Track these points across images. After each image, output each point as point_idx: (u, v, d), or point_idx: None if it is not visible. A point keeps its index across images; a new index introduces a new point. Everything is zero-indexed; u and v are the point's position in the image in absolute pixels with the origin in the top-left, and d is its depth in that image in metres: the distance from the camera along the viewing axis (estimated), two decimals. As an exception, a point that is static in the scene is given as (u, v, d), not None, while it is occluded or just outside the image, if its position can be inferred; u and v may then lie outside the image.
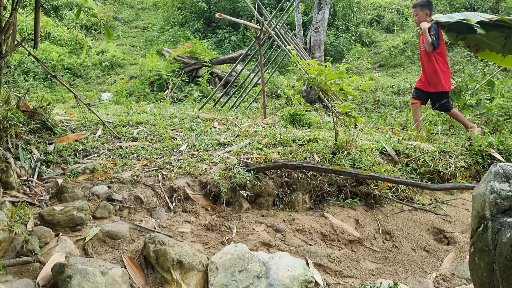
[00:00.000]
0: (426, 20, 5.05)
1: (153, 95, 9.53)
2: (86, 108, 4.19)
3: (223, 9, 14.83)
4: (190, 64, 10.51)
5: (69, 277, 2.10)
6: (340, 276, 2.79)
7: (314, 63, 4.06)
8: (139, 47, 14.16)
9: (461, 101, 5.77)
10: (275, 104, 8.91)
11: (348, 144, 4.04)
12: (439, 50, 5.02)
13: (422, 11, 5.08)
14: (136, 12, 17.42)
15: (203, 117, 5.49)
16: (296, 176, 3.65)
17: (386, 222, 3.54)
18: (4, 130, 3.35)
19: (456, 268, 2.94)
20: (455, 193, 4.05)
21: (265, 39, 6.88)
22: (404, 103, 8.74)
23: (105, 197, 3.10)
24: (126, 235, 2.75)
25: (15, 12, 3.02)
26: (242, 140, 4.37)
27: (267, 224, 3.24)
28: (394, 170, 3.93)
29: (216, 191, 3.41)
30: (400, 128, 5.84)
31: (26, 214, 2.70)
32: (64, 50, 11.99)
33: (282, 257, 2.56)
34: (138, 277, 2.37)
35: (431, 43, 4.91)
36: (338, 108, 4.04)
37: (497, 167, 1.91)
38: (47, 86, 9.95)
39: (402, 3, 15.20)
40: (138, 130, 4.53)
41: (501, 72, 7.63)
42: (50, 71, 3.92)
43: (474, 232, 1.93)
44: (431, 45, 4.92)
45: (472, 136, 4.72)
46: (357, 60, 12.14)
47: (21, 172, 3.19)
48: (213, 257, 2.53)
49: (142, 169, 3.54)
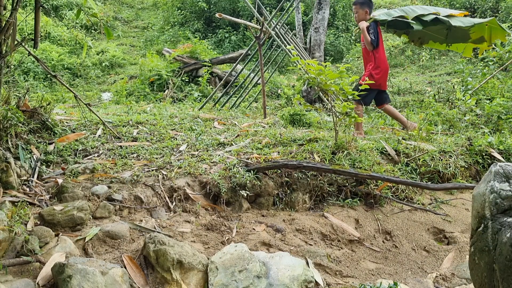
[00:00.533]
0: (366, 18, 5.01)
1: (153, 95, 9.54)
2: (86, 108, 4.20)
3: (223, 9, 14.83)
4: (190, 64, 10.51)
5: (69, 277, 2.10)
6: (340, 276, 2.79)
7: (314, 63, 4.06)
8: (139, 47, 14.16)
9: None
10: (275, 104, 8.92)
11: (348, 144, 4.04)
12: (377, 49, 5.00)
13: (362, 9, 5.03)
14: (136, 12, 17.42)
15: (203, 117, 5.49)
16: (296, 176, 3.65)
17: (386, 222, 3.54)
18: (4, 130, 3.35)
19: (456, 268, 2.94)
20: (455, 193, 4.05)
21: (265, 39, 6.88)
22: (404, 103, 8.74)
23: (105, 197, 3.10)
24: (126, 235, 2.75)
25: (15, 12, 3.02)
26: (242, 140, 4.37)
27: (267, 224, 3.24)
28: (394, 170, 3.93)
29: (216, 191, 3.41)
30: (400, 128, 5.84)
31: (26, 214, 2.70)
32: (64, 50, 11.99)
33: (282, 257, 2.56)
34: (138, 277, 2.37)
35: (370, 42, 4.90)
36: (338, 108, 4.04)
37: (497, 167, 1.91)
38: (47, 86, 9.96)
39: (402, 3, 15.18)
40: (138, 130, 4.53)
41: (501, 72, 7.63)
42: (50, 71, 3.92)
43: (474, 232, 1.93)
44: (370, 44, 4.91)
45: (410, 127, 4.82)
46: (357, 60, 12.14)
47: (21, 172, 3.19)
48: (213, 257, 2.54)
49: (142, 169, 3.54)
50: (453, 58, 11.25)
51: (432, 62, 11.51)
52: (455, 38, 5.14)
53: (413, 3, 13.15)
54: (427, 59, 11.52)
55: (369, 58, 5.03)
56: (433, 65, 11.33)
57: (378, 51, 4.97)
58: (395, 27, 5.28)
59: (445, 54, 11.65)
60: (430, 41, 5.34)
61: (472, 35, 4.96)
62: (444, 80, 9.83)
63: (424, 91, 9.22)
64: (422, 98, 8.65)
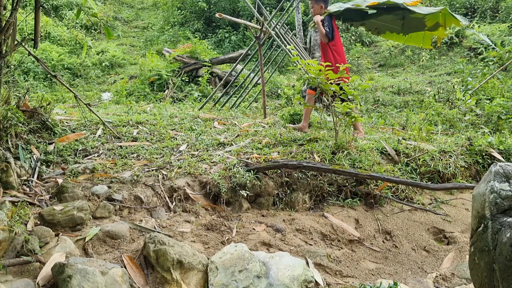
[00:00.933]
0: (321, 13, 5.04)
1: (153, 95, 9.54)
2: (86, 108, 4.20)
3: (223, 9, 14.83)
4: (190, 64, 10.51)
5: (69, 277, 2.10)
6: (340, 276, 2.79)
7: (314, 63, 4.06)
8: (139, 47, 14.16)
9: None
10: (275, 104, 8.92)
11: (348, 144, 4.04)
12: (334, 42, 5.01)
13: (317, 4, 5.06)
14: (136, 12, 17.42)
15: (203, 117, 5.49)
16: (296, 176, 3.65)
17: (386, 222, 3.54)
18: (4, 130, 3.35)
19: (456, 268, 2.94)
20: (455, 193, 4.05)
21: (265, 39, 6.88)
22: (404, 103, 8.73)
23: (105, 197, 3.10)
24: (126, 235, 2.75)
25: (15, 12, 3.02)
26: (242, 140, 4.37)
27: (267, 224, 3.24)
28: (394, 170, 3.93)
29: (216, 191, 3.41)
30: (400, 128, 5.84)
31: (26, 214, 2.70)
32: (64, 50, 11.99)
33: (282, 257, 2.56)
34: (138, 277, 2.37)
35: (325, 35, 4.93)
36: (338, 108, 4.04)
37: (497, 167, 1.91)
38: (47, 86, 9.96)
39: (402, 3, 15.17)
40: (138, 130, 4.53)
41: (501, 72, 7.63)
42: (50, 71, 3.92)
43: (474, 232, 1.93)
44: (325, 36, 4.94)
45: (288, 129, 4.85)
46: (357, 60, 12.14)
47: (21, 172, 3.19)
48: (213, 257, 2.54)
49: (142, 169, 3.54)
50: (453, 58, 11.25)
51: (432, 62, 11.51)
52: (410, 27, 5.16)
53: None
54: (427, 59, 11.52)
55: (326, 52, 5.04)
56: (433, 65, 11.32)
57: (334, 44, 4.99)
58: (351, 19, 5.37)
59: (445, 54, 11.65)
60: (387, 31, 5.37)
61: (427, 23, 4.97)
62: (444, 80, 9.83)
63: (424, 91, 9.22)
64: (422, 98, 8.65)
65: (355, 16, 5.14)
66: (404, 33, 5.27)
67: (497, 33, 10.59)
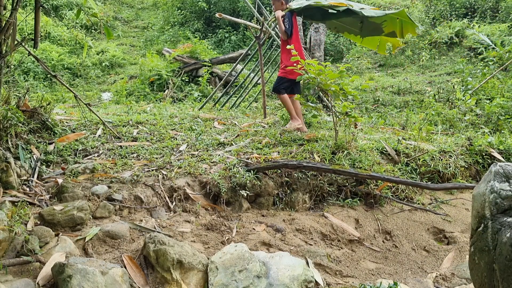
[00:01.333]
0: (282, 9, 5.05)
1: (153, 95, 9.53)
2: (86, 108, 4.20)
3: (223, 9, 14.83)
4: (190, 64, 10.51)
5: (69, 277, 2.10)
6: (340, 275, 2.79)
7: (314, 63, 4.06)
8: (139, 47, 14.15)
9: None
10: (275, 104, 8.91)
11: (348, 144, 4.04)
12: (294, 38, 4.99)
13: (278, 0, 5.09)
14: (136, 12, 17.41)
15: (203, 117, 5.49)
16: (296, 176, 3.65)
17: (386, 222, 3.54)
18: (4, 130, 3.35)
19: (456, 268, 2.94)
20: (455, 193, 4.05)
21: (265, 39, 6.88)
22: (404, 103, 8.73)
23: (105, 197, 3.10)
24: (126, 235, 2.75)
25: (15, 12, 3.02)
26: (242, 140, 4.37)
27: (267, 224, 3.24)
28: (394, 170, 3.93)
29: (216, 191, 3.41)
30: (400, 128, 5.84)
31: (26, 214, 2.70)
32: (64, 50, 11.98)
33: (282, 257, 2.56)
34: (138, 277, 2.37)
35: (285, 31, 4.94)
36: (338, 108, 4.04)
37: (497, 167, 1.91)
38: (47, 86, 9.95)
39: (402, 3, 15.18)
40: (138, 130, 4.53)
41: (501, 72, 7.63)
42: (50, 71, 3.92)
43: (474, 232, 1.93)
44: (284, 33, 4.95)
45: (286, 129, 4.78)
46: (357, 60, 12.13)
47: (21, 172, 3.19)
48: (213, 256, 2.54)
49: (142, 169, 3.54)
50: (453, 58, 11.25)
51: (432, 62, 11.50)
52: (368, 30, 5.23)
53: (414, 3, 13.14)
54: (427, 59, 11.51)
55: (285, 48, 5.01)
56: (433, 65, 11.32)
57: (292, 41, 4.98)
58: (311, 17, 5.45)
59: (445, 54, 11.65)
60: (346, 32, 5.45)
61: (384, 29, 5.03)
62: (444, 80, 9.83)
63: (424, 91, 9.21)
64: (422, 98, 8.65)
65: (316, 14, 5.19)
66: (361, 35, 5.35)
67: (497, 33, 10.59)
